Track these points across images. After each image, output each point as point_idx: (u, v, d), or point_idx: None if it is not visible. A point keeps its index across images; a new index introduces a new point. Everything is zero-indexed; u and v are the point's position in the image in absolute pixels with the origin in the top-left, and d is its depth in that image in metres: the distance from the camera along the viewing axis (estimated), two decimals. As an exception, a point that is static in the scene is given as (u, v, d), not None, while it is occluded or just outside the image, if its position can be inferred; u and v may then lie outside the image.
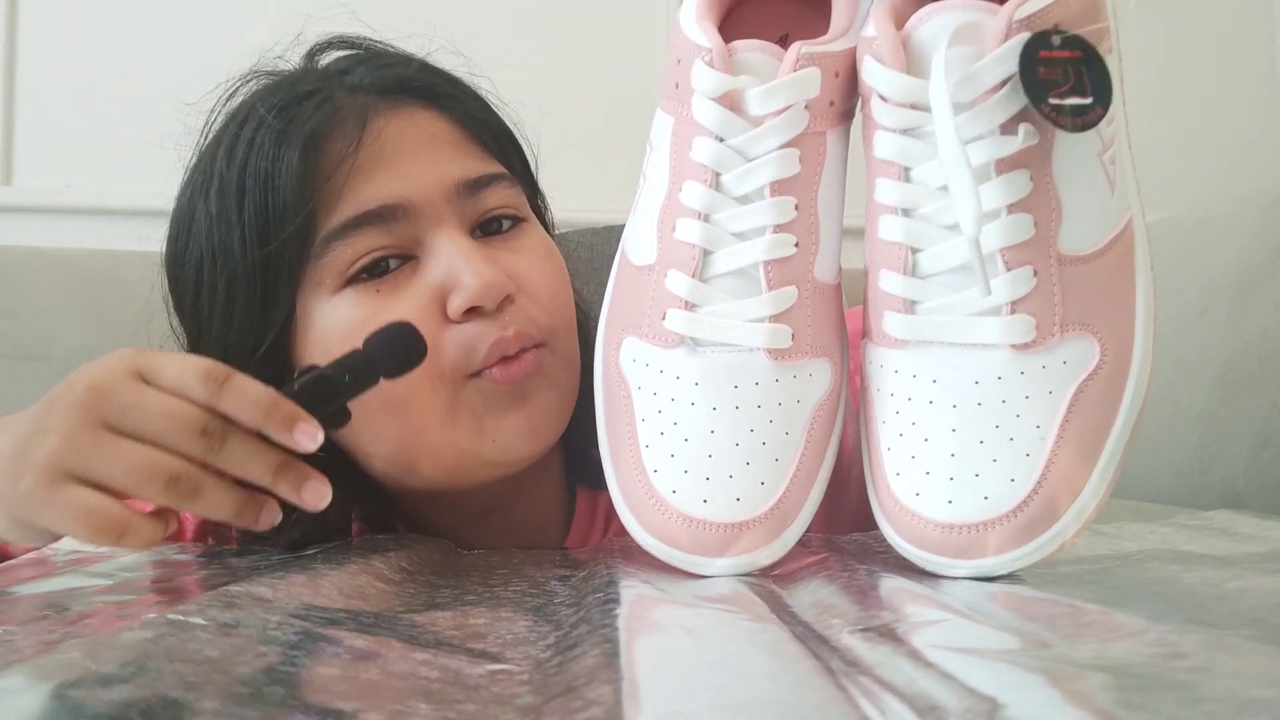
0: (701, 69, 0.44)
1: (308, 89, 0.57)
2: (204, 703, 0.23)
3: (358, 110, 0.56)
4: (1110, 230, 0.43)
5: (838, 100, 0.45)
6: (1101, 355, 0.42)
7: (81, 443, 0.42)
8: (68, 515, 0.42)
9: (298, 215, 0.54)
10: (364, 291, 0.55)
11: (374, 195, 0.54)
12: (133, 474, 0.42)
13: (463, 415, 0.55)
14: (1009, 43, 0.40)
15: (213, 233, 0.56)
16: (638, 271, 0.48)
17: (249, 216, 0.55)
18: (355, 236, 0.54)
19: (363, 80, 0.58)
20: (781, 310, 0.44)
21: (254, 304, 0.55)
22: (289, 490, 0.44)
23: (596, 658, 0.28)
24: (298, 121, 0.55)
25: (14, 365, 1.08)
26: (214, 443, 0.43)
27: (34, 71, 1.36)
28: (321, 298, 0.55)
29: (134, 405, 0.43)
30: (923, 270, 0.42)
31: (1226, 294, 0.94)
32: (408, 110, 0.58)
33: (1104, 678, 0.25)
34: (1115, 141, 0.43)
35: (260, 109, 0.56)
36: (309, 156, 0.54)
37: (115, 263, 1.15)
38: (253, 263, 0.55)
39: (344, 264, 0.55)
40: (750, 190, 0.44)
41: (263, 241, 0.54)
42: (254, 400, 0.43)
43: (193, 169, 0.60)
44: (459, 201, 0.56)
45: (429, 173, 0.56)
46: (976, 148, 0.41)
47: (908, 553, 0.41)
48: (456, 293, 0.54)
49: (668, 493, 0.43)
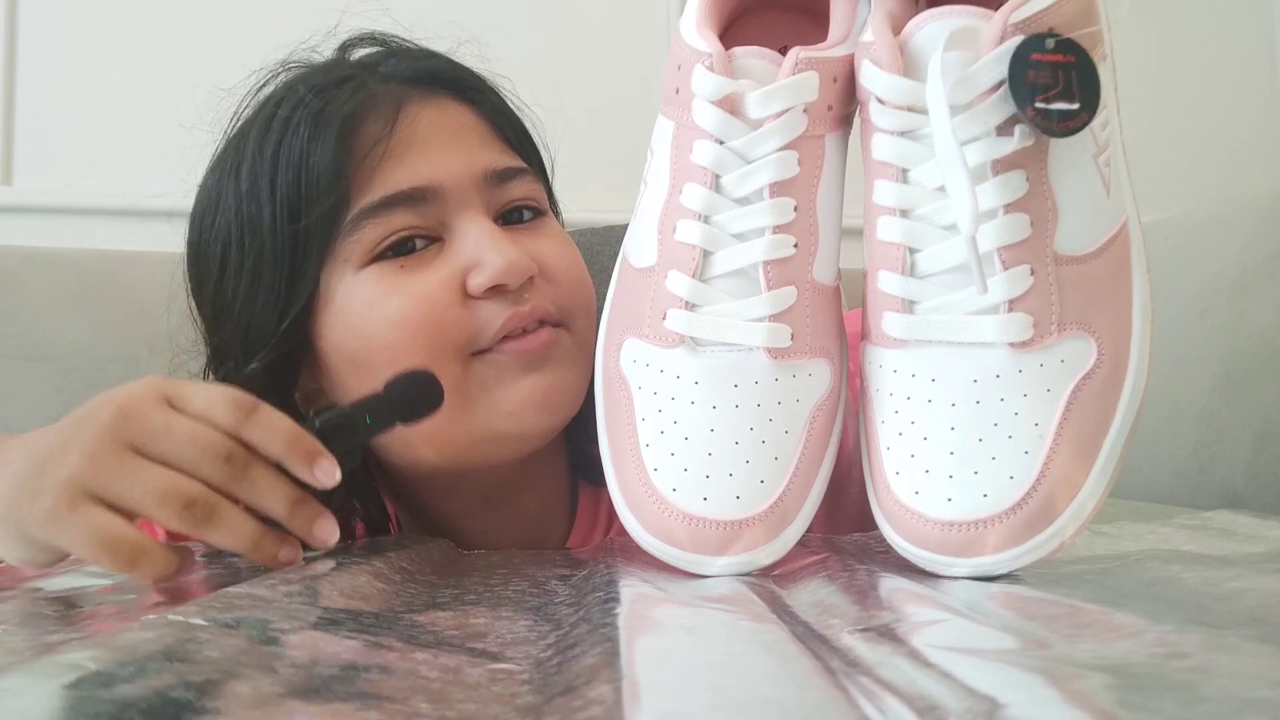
0: (702, 73, 0.44)
1: (343, 75, 0.59)
2: (204, 703, 0.23)
3: (392, 97, 0.58)
4: (1106, 231, 0.43)
5: (836, 105, 0.45)
6: (1099, 354, 0.42)
7: (104, 463, 0.42)
8: (83, 536, 0.41)
9: (331, 194, 0.55)
10: (388, 268, 0.56)
11: (405, 178, 0.56)
12: (151, 495, 0.41)
13: (474, 390, 0.56)
14: (1004, 45, 0.40)
15: (242, 210, 0.57)
16: (638, 274, 0.48)
17: (281, 194, 0.56)
18: (385, 216, 0.56)
19: (395, 70, 0.60)
20: (781, 310, 0.44)
21: (280, 280, 0.57)
22: (303, 525, 0.44)
23: (597, 657, 0.28)
24: (334, 103, 0.57)
25: (14, 365, 1.08)
26: (237, 470, 0.43)
27: (34, 71, 1.36)
28: (346, 274, 0.57)
29: (161, 428, 0.43)
30: (921, 270, 0.43)
31: (1226, 294, 0.94)
32: (439, 100, 0.60)
33: (1104, 678, 0.25)
34: (1110, 145, 0.44)
35: (300, 88, 0.58)
36: (345, 137, 0.56)
37: (115, 263, 1.15)
38: (282, 239, 0.56)
39: (371, 242, 0.56)
40: (749, 192, 0.44)
41: (293, 218, 0.56)
42: (279, 431, 0.44)
43: (221, 152, 0.61)
44: (485, 189, 0.58)
45: (458, 160, 0.57)
46: (973, 148, 0.41)
47: (907, 552, 0.41)
48: (479, 270, 0.55)
49: (667, 491, 0.43)
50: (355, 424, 0.48)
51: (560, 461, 0.66)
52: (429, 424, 0.54)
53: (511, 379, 0.56)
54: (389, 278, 0.56)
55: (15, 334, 1.10)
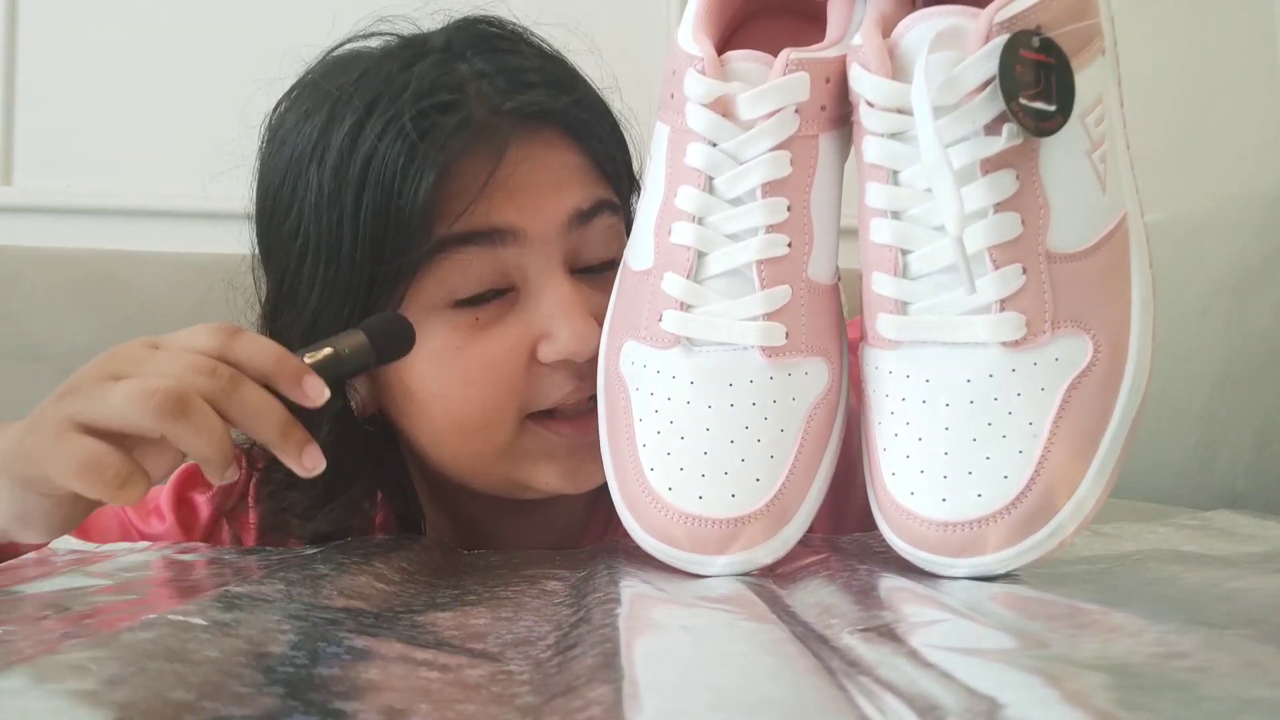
0: (694, 77, 0.45)
1: (446, 98, 0.54)
2: (204, 703, 0.23)
3: (497, 137, 0.54)
4: (1102, 228, 0.43)
5: (829, 105, 0.45)
6: (1095, 352, 0.42)
7: (87, 392, 0.42)
8: (68, 461, 0.41)
9: (418, 237, 0.53)
10: (464, 318, 0.55)
11: (493, 219, 0.54)
12: (125, 401, 0.41)
13: (518, 453, 0.57)
14: (989, 44, 0.40)
15: (321, 212, 0.55)
16: (636, 277, 0.48)
17: (366, 217, 0.53)
18: (463, 254, 0.54)
19: (503, 104, 0.55)
20: (775, 309, 0.45)
21: (355, 303, 0.55)
22: (293, 449, 0.43)
23: (596, 657, 0.28)
24: (433, 136, 0.53)
25: (14, 365, 1.08)
26: (223, 383, 0.42)
27: (34, 71, 1.36)
28: (421, 308, 0.55)
29: (145, 357, 0.43)
30: (913, 271, 0.43)
31: (1226, 294, 0.94)
32: (543, 138, 0.56)
33: (1104, 677, 0.25)
34: (1107, 140, 0.44)
35: (400, 97, 0.54)
36: (442, 182, 0.53)
37: (115, 263, 1.15)
38: (361, 273, 0.54)
39: (448, 289, 0.54)
40: (742, 192, 0.45)
41: (375, 259, 0.54)
42: (265, 349, 0.44)
43: (299, 124, 0.58)
44: (570, 232, 0.56)
45: (548, 205, 0.55)
46: (961, 149, 0.41)
47: (907, 553, 0.41)
48: (550, 342, 0.54)
49: (664, 490, 0.44)
50: (339, 358, 0.47)
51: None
52: (468, 459, 0.57)
53: (557, 457, 0.57)
54: (463, 330, 0.55)
55: (15, 334, 1.10)
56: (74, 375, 0.44)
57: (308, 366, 0.45)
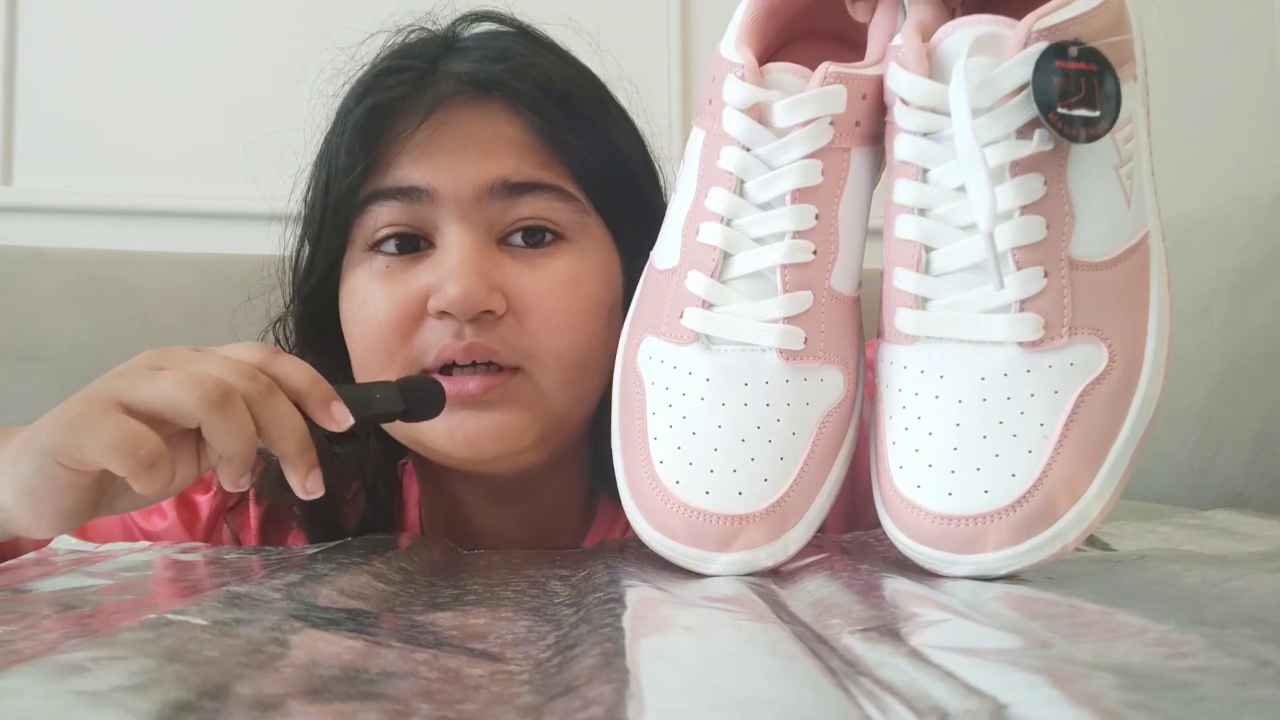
0: (733, 83, 0.46)
1: (408, 63, 0.61)
2: (204, 703, 0.23)
3: (436, 96, 0.59)
4: (1124, 242, 0.43)
5: (864, 122, 0.46)
6: (1110, 361, 0.42)
7: (133, 374, 0.44)
8: (105, 435, 0.41)
9: (345, 178, 0.59)
10: (379, 263, 0.59)
11: (406, 176, 0.58)
12: (176, 387, 0.43)
13: None
14: (1027, 50, 0.41)
15: (315, 168, 0.63)
16: (661, 275, 0.49)
17: (328, 165, 0.61)
18: (382, 206, 0.58)
19: (459, 69, 0.60)
20: (796, 313, 0.45)
21: (316, 244, 0.62)
22: (304, 467, 0.45)
23: (597, 657, 0.28)
24: (378, 90, 0.59)
25: (14, 365, 1.08)
26: (261, 388, 0.45)
27: (34, 71, 1.36)
28: (354, 254, 0.60)
29: (193, 358, 0.45)
30: (936, 268, 0.43)
31: (1226, 294, 0.94)
32: (488, 107, 0.59)
33: (1105, 677, 0.25)
34: (1134, 158, 0.44)
35: (377, 64, 0.61)
36: (368, 128, 0.59)
37: (115, 263, 1.15)
38: (321, 209, 0.61)
39: (370, 230, 0.59)
40: (772, 197, 0.45)
41: (325, 193, 0.60)
42: (303, 370, 0.47)
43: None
44: (490, 201, 0.58)
45: (467, 168, 0.58)
46: (993, 150, 0.42)
47: (908, 549, 0.42)
48: (437, 294, 0.56)
49: (671, 483, 0.44)
50: (367, 398, 0.50)
51: (578, 467, 0.67)
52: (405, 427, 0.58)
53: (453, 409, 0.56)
54: (375, 275, 0.59)
55: (15, 334, 1.10)
56: (121, 365, 0.46)
57: (336, 394, 0.47)
